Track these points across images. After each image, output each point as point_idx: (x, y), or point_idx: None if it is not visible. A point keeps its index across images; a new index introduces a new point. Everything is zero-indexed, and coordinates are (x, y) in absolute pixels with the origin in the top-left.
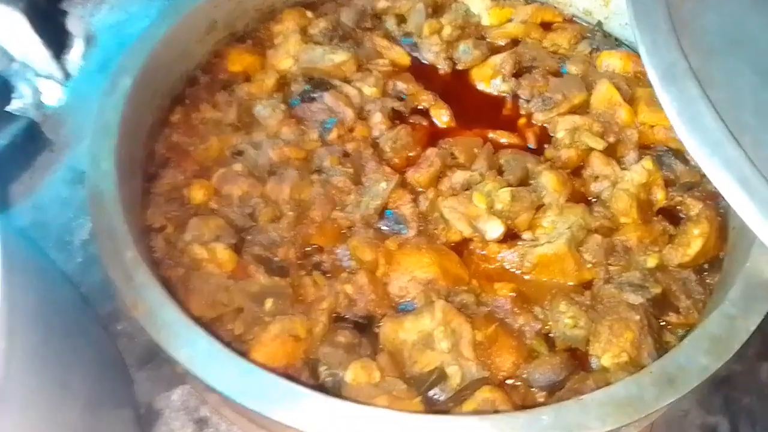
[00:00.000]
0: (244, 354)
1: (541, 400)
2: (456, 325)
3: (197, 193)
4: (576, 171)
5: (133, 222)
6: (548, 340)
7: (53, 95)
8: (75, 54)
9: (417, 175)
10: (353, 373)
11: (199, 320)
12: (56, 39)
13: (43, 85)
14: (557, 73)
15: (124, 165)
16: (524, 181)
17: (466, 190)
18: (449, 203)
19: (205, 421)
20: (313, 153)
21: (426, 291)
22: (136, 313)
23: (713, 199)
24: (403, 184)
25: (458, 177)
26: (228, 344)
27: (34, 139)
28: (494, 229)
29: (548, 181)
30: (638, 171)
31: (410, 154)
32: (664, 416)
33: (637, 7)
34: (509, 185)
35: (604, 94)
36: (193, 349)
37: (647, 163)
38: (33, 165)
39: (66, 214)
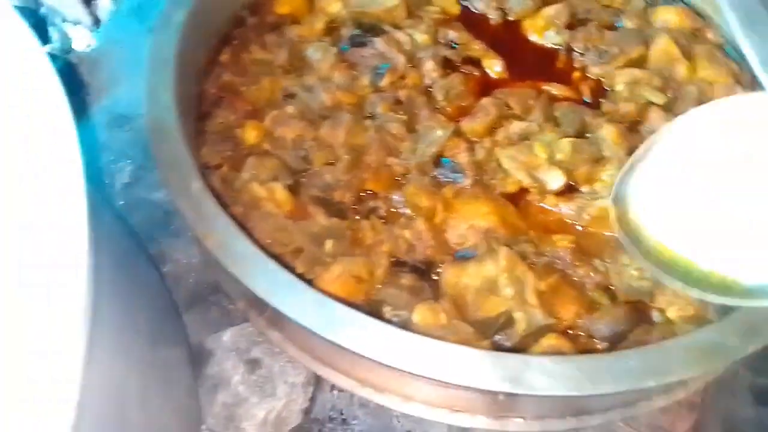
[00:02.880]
0: None
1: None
2: (520, 273)
3: (250, 134)
4: (632, 126)
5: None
6: (609, 292)
7: (83, 41)
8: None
9: (473, 125)
10: (420, 315)
11: None
12: None
13: (72, 30)
14: (612, 28)
15: (180, 101)
16: (582, 135)
17: (524, 140)
18: (509, 152)
19: (257, 362)
20: (364, 99)
21: (486, 238)
22: (208, 244)
23: None
24: (458, 133)
25: (515, 127)
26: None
27: (68, 82)
28: (555, 179)
29: (608, 133)
30: None
31: (463, 103)
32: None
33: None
34: (567, 137)
35: (662, 48)
36: (272, 281)
37: None
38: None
39: (105, 158)
